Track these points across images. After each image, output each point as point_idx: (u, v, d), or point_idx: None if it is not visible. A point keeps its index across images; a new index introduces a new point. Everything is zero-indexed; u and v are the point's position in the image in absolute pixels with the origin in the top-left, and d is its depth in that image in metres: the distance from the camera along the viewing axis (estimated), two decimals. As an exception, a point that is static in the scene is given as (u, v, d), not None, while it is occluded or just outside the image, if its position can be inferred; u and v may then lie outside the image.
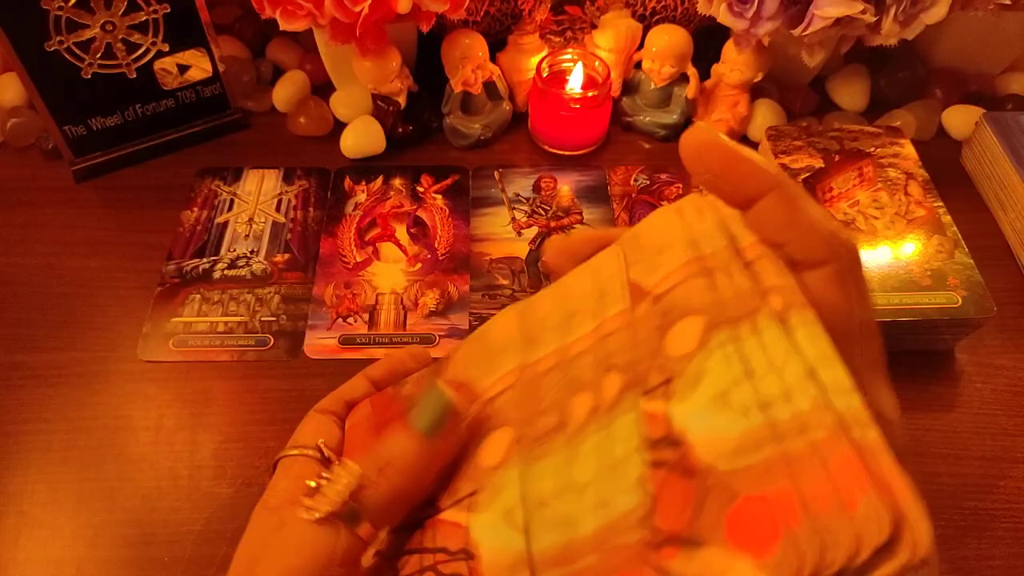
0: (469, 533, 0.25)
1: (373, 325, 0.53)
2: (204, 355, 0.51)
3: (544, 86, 0.61)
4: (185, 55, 0.60)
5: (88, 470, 0.45)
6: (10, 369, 0.50)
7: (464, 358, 0.31)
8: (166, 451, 0.46)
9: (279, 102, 0.66)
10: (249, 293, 0.54)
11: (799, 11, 0.53)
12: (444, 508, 0.27)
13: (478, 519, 0.25)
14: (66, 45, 0.55)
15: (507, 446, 0.26)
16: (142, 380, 0.50)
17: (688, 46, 0.63)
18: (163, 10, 0.56)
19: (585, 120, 0.62)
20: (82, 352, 0.51)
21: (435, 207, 0.60)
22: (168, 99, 0.62)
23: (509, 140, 0.66)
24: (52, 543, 0.43)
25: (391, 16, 0.53)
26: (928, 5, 0.53)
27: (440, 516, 0.27)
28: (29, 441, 0.47)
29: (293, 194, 0.61)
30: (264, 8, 0.54)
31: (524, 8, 0.65)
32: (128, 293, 0.54)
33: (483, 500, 0.26)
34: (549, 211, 0.60)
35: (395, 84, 0.60)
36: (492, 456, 0.26)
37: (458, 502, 0.26)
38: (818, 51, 0.57)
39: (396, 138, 0.63)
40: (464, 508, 0.26)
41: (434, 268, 0.56)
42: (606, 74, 0.62)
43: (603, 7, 0.66)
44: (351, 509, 0.25)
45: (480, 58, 0.62)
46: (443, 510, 0.27)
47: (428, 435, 0.26)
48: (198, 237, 0.58)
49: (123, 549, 0.42)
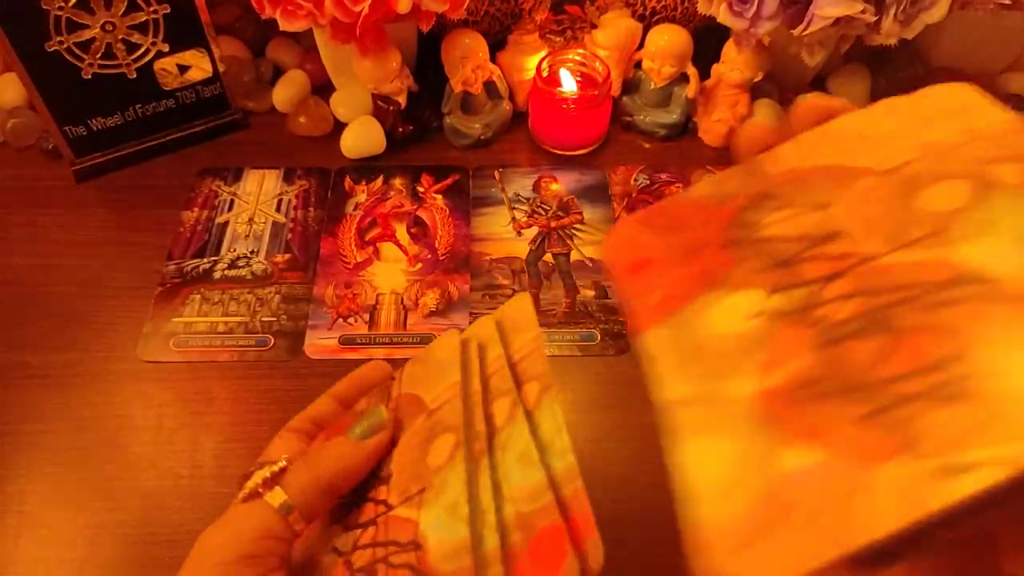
0: (418, 527, 0.28)
1: (373, 325, 0.53)
2: (204, 355, 0.51)
3: (544, 86, 0.61)
4: (185, 55, 0.60)
5: (88, 470, 0.45)
6: (10, 369, 0.50)
7: (411, 375, 0.34)
8: (167, 451, 0.46)
9: (279, 102, 0.66)
10: (249, 293, 0.54)
11: (799, 11, 0.53)
12: (395, 506, 0.30)
13: (427, 514, 0.28)
14: (66, 45, 0.55)
15: (450, 449, 0.29)
16: (142, 380, 0.50)
17: (688, 46, 0.63)
18: (163, 10, 0.56)
19: (585, 120, 0.62)
20: (82, 352, 0.51)
21: (435, 207, 0.60)
22: (168, 99, 0.62)
23: (509, 140, 0.66)
24: (52, 543, 0.43)
25: (391, 16, 0.53)
26: (928, 5, 0.53)
27: (392, 513, 0.30)
28: (29, 441, 0.47)
29: (293, 194, 0.61)
30: (264, 8, 0.54)
31: (524, 8, 0.65)
32: (128, 293, 0.54)
33: (430, 497, 0.28)
34: (549, 211, 0.60)
35: (395, 84, 0.60)
36: (438, 457, 0.29)
37: (408, 499, 0.29)
38: (818, 51, 0.57)
39: (396, 138, 0.63)
40: (414, 505, 0.29)
41: (434, 268, 0.56)
42: (606, 74, 0.62)
43: (603, 7, 0.66)
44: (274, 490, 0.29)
45: (480, 58, 0.62)
46: (395, 507, 0.30)
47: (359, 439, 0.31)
48: (198, 237, 0.58)
49: (124, 549, 0.42)
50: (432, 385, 0.33)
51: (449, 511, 0.27)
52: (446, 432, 0.30)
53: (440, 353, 0.34)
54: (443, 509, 0.28)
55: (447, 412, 0.31)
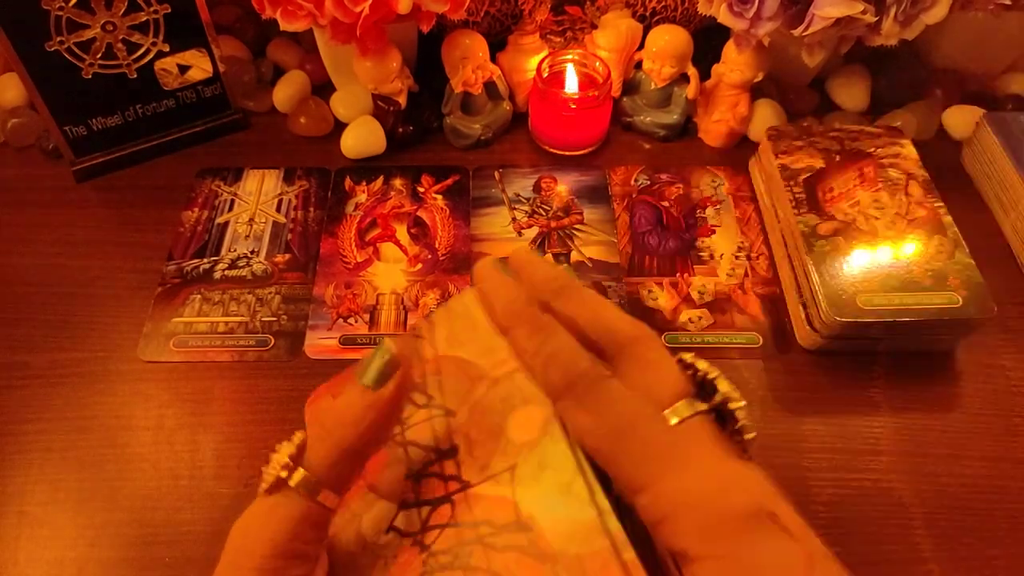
0: (518, 506, 0.26)
1: (374, 325, 0.53)
2: (204, 355, 0.51)
3: (544, 86, 0.61)
4: (185, 55, 0.60)
5: (89, 470, 0.45)
6: (10, 369, 0.50)
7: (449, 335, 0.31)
8: (167, 451, 0.46)
9: (279, 102, 0.66)
10: (250, 293, 0.54)
11: (799, 11, 0.53)
12: (476, 483, 0.28)
13: (527, 492, 0.26)
14: (67, 45, 0.55)
15: (540, 424, 0.27)
16: (142, 380, 0.50)
17: (688, 46, 0.63)
18: (163, 10, 0.56)
19: (585, 120, 0.62)
20: (83, 352, 0.51)
21: (435, 207, 0.60)
22: (168, 99, 0.62)
23: (509, 140, 0.66)
24: (53, 543, 0.43)
25: (391, 16, 0.53)
26: (928, 5, 0.53)
27: (473, 491, 0.28)
28: (30, 441, 0.47)
29: (293, 194, 0.61)
30: (264, 8, 0.54)
31: (524, 8, 0.65)
32: (129, 293, 0.54)
33: (525, 473, 0.27)
34: (549, 211, 0.60)
35: (395, 84, 0.60)
36: (525, 432, 0.27)
37: (493, 476, 0.27)
38: (818, 51, 0.57)
39: (396, 138, 0.63)
40: (504, 483, 0.27)
41: (434, 268, 0.56)
42: (606, 74, 0.62)
43: (603, 7, 0.66)
44: (297, 474, 0.26)
45: (480, 58, 0.62)
46: (474, 485, 0.28)
47: (372, 387, 0.27)
48: (199, 237, 0.58)
49: (124, 549, 0.42)
50: (484, 349, 0.30)
51: (562, 490, 0.25)
52: (528, 404, 0.28)
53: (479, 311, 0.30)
54: (552, 487, 0.26)
55: (524, 380, 0.28)
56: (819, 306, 0.48)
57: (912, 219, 0.52)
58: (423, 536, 0.28)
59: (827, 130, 0.58)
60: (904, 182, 0.54)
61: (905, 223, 0.52)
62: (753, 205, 0.60)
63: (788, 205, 0.54)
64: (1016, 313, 0.54)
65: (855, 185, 0.54)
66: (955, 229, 0.51)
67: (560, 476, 0.26)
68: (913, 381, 0.50)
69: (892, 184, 0.54)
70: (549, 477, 0.26)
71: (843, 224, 0.52)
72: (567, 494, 0.25)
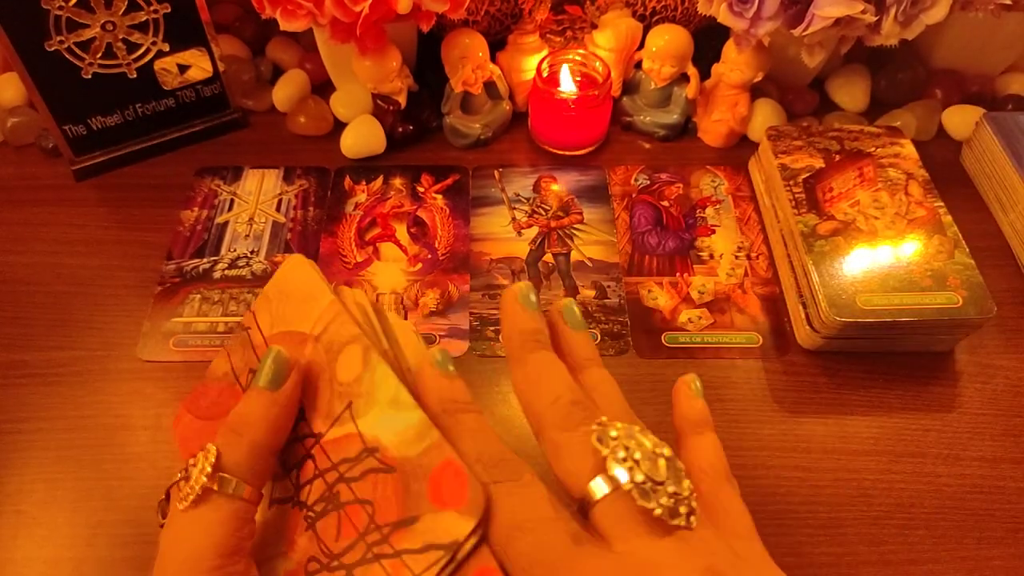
0: (363, 436, 0.29)
1: (373, 325, 0.53)
2: (204, 355, 0.51)
3: (544, 86, 0.61)
4: (185, 55, 0.60)
5: (86, 469, 0.45)
6: (9, 368, 0.50)
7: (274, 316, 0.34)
8: (165, 451, 0.46)
9: (279, 101, 0.66)
10: (249, 293, 0.54)
11: (799, 11, 0.53)
12: (325, 432, 0.30)
13: (365, 421, 0.29)
14: (66, 45, 0.55)
15: (360, 357, 0.30)
16: (141, 379, 0.49)
17: (688, 46, 0.63)
18: (163, 10, 0.56)
19: (585, 120, 0.62)
20: (81, 351, 0.51)
21: (435, 207, 0.60)
22: (168, 99, 0.62)
23: (509, 140, 0.66)
24: (50, 542, 0.43)
25: (391, 16, 0.53)
26: (928, 5, 0.53)
27: (325, 439, 0.30)
28: (27, 440, 0.46)
29: (293, 194, 0.61)
30: (264, 8, 0.54)
31: (524, 8, 0.65)
32: (128, 292, 0.54)
33: (361, 406, 0.29)
34: (549, 211, 0.60)
35: (395, 84, 0.60)
36: (350, 371, 0.30)
37: (336, 419, 0.30)
38: (818, 51, 0.57)
39: (396, 138, 0.63)
40: (346, 421, 0.29)
41: (434, 268, 0.56)
42: (606, 74, 0.62)
43: (603, 7, 0.66)
44: (223, 480, 0.28)
45: (480, 58, 0.62)
46: (325, 433, 0.30)
47: (272, 389, 0.30)
48: (198, 237, 0.58)
49: (121, 549, 0.42)
50: (304, 315, 0.33)
51: (392, 405, 0.28)
52: (347, 345, 0.30)
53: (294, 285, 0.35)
54: (384, 407, 0.28)
55: (338, 328, 0.31)
56: (819, 306, 0.48)
57: (912, 219, 0.52)
58: (298, 495, 0.30)
59: (827, 130, 0.58)
60: (904, 182, 0.54)
61: (905, 223, 0.52)
62: (753, 205, 0.60)
63: (788, 205, 0.54)
64: (1016, 313, 0.54)
65: (855, 185, 0.54)
66: (955, 229, 0.51)
67: (387, 393, 0.29)
68: (913, 381, 0.50)
69: (892, 184, 0.54)
70: (379, 398, 0.29)
71: (843, 224, 0.52)
72: (396, 406, 0.28)
